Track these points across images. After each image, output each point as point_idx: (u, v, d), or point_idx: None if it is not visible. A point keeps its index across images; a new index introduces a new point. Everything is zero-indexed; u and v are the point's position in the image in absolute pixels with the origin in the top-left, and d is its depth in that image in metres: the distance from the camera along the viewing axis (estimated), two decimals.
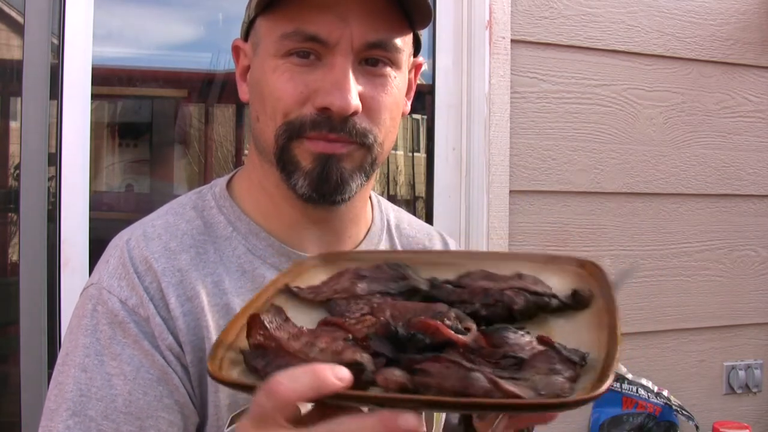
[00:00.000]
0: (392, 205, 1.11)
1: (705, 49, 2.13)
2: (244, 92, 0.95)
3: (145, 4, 1.99)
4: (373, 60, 0.87)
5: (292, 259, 0.91)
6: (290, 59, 0.86)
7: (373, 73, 0.88)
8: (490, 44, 1.87)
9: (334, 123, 0.85)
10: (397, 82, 0.90)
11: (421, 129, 2.17)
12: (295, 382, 0.57)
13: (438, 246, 1.09)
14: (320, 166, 0.86)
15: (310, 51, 0.85)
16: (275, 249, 0.92)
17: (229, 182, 0.98)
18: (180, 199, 0.98)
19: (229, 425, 0.86)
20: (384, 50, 0.87)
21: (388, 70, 0.89)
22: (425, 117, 2.05)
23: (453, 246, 1.13)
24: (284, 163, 0.88)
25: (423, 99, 1.95)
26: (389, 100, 0.89)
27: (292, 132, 0.86)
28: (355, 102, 0.84)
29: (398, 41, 0.88)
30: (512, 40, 1.89)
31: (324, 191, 0.88)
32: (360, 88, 0.86)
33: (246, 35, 0.94)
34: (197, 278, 0.88)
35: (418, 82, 1.01)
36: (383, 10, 0.86)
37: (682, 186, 2.12)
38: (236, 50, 0.96)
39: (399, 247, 1.05)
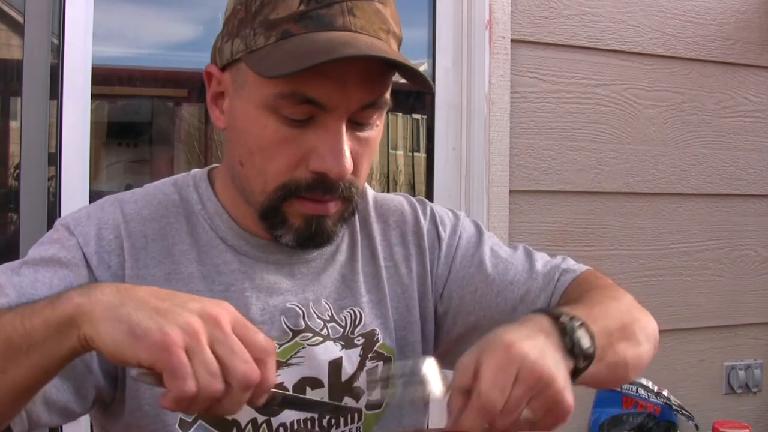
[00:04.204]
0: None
1: (705, 49, 2.13)
2: (218, 118, 0.93)
3: (145, 4, 1.99)
4: (363, 119, 0.87)
5: (251, 242, 0.94)
6: (281, 117, 0.84)
7: (360, 130, 0.88)
8: (490, 44, 1.87)
9: (328, 185, 0.86)
10: (379, 128, 0.91)
11: (421, 129, 2.17)
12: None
13: (410, 218, 1.07)
14: (309, 225, 0.89)
15: (306, 116, 0.84)
16: (235, 232, 0.95)
17: (211, 170, 1.01)
18: (168, 177, 1.02)
19: None
20: (376, 108, 0.87)
21: (374, 119, 0.89)
22: (425, 117, 2.05)
23: (427, 209, 1.09)
24: (271, 217, 0.90)
25: (423, 99, 1.95)
26: (372, 153, 0.91)
27: (287, 194, 0.87)
28: (350, 166, 0.85)
29: (387, 92, 0.88)
30: (512, 40, 1.89)
31: (308, 246, 0.92)
32: (349, 147, 0.86)
33: (222, 64, 0.90)
34: (162, 248, 0.92)
35: None
36: (380, 70, 0.85)
37: (682, 186, 2.12)
38: (209, 76, 0.93)
39: (372, 214, 1.04)
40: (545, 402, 0.73)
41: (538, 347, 0.74)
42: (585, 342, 0.80)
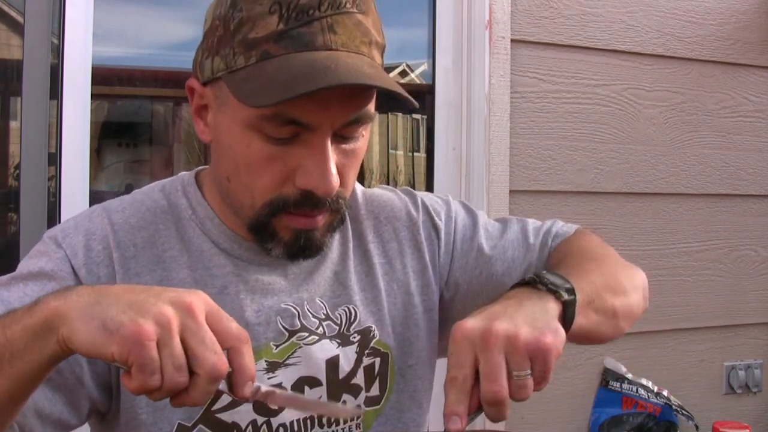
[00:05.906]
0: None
1: (705, 49, 2.13)
2: (203, 132, 0.92)
3: (145, 4, 1.99)
4: (348, 133, 0.87)
5: (243, 246, 0.94)
6: (265, 136, 0.84)
7: (346, 143, 0.88)
8: (490, 44, 1.87)
9: (316, 201, 0.86)
10: (365, 138, 0.91)
11: (421, 129, 2.17)
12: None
13: (401, 212, 1.07)
14: (298, 239, 0.89)
15: (290, 134, 0.83)
16: (227, 236, 0.95)
17: (198, 173, 1.00)
18: (155, 182, 1.01)
19: None
20: (360, 123, 0.87)
21: (359, 132, 0.88)
22: (425, 117, 2.05)
23: (418, 201, 1.09)
24: (260, 231, 0.89)
25: (423, 99, 1.95)
26: (359, 162, 0.91)
27: (275, 210, 0.87)
28: (336, 183, 0.85)
29: (371, 105, 0.87)
30: (512, 40, 1.89)
31: (298, 257, 0.92)
32: (335, 162, 0.85)
33: (203, 80, 0.89)
34: (152, 255, 0.92)
35: (418, 82, 1.01)
36: (362, 87, 0.84)
37: (682, 186, 2.12)
38: (190, 90, 0.92)
39: (362, 212, 1.04)
40: (519, 354, 0.73)
41: (485, 316, 0.75)
42: (556, 279, 0.82)
